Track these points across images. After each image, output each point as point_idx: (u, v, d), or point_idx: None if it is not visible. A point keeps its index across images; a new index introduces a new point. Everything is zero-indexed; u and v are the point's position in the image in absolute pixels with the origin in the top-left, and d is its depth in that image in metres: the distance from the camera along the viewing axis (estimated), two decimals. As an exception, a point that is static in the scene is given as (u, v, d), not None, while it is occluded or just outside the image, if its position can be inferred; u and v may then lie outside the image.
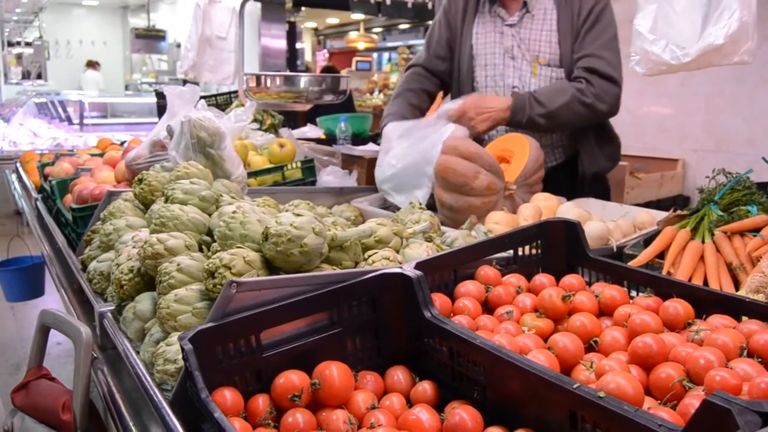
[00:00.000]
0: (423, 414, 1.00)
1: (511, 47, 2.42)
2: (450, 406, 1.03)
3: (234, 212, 1.34)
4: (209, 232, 1.52)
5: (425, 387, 1.11)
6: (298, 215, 1.26)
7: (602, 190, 2.58)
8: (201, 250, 1.44)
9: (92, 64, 14.29)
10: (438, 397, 1.10)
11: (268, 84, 2.74)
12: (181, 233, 1.43)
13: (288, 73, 5.09)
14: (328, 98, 2.80)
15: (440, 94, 2.82)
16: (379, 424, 0.99)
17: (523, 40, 2.40)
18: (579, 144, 2.45)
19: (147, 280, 1.43)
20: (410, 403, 1.10)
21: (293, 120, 4.61)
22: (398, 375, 1.15)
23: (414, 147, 2.16)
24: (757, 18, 2.01)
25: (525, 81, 2.43)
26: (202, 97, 2.36)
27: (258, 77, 2.77)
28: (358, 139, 3.75)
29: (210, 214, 1.57)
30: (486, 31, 2.48)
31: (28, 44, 13.76)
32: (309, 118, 4.71)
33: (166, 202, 1.61)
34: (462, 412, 0.98)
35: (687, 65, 2.10)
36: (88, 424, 1.39)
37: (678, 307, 1.14)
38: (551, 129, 2.34)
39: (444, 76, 2.66)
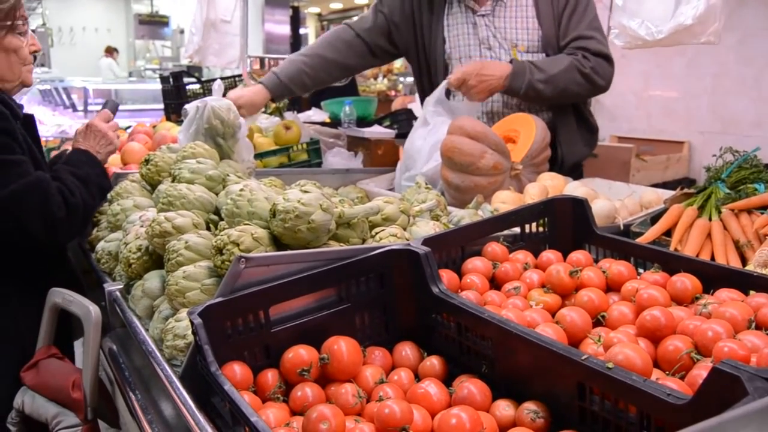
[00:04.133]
0: (431, 387, 1.00)
1: (487, 38, 2.36)
2: (458, 380, 1.04)
3: (241, 190, 1.34)
4: (216, 211, 1.52)
5: (433, 362, 1.11)
6: (306, 192, 1.26)
7: (577, 178, 2.52)
8: (208, 228, 1.44)
9: (110, 51, 14.24)
10: (446, 371, 1.11)
11: (272, 66, 2.73)
12: (188, 212, 1.44)
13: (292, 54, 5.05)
14: (333, 80, 2.79)
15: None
16: (388, 397, 0.99)
17: (498, 29, 2.35)
18: (558, 128, 2.38)
19: (155, 258, 1.44)
20: (418, 378, 1.10)
21: (297, 104, 4.59)
22: (406, 350, 1.15)
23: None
24: (762, 1, 2.12)
25: None
26: (208, 80, 2.36)
27: (262, 59, 2.77)
28: (362, 122, 3.72)
29: (217, 194, 1.57)
30: (457, 23, 2.41)
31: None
32: (313, 102, 4.69)
33: (173, 181, 1.61)
34: (470, 386, 0.99)
35: (660, 42, 2.21)
36: (98, 401, 1.41)
37: (686, 281, 1.14)
38: (551, 97, 2.28)
39: (377, 50, 2.58)
